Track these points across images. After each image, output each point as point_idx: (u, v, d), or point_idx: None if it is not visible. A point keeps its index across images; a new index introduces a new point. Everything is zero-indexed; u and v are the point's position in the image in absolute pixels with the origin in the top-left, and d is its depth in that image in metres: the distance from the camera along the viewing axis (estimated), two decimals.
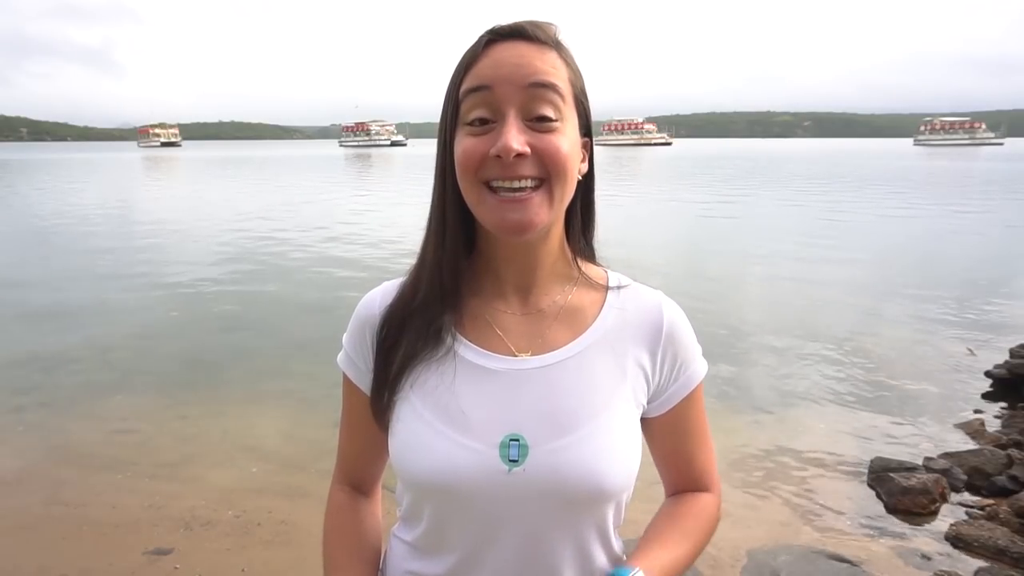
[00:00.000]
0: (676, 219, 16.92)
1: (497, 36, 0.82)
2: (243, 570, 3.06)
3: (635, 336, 0.90)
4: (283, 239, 12.83)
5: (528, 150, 0.78)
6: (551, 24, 0.84)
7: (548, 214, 0.81)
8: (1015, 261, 10.90)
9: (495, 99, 0.79)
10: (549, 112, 0.79)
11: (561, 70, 0.82)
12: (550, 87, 0.79)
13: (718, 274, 9.72)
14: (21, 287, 8.96)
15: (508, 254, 0.88)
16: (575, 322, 0.90)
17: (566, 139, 0.80)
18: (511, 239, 0.83)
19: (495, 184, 0.79)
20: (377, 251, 11.41)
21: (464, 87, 0.81)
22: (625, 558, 0.94)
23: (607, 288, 0.93)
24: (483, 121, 0.80)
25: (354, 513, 0.99)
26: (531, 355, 0.87)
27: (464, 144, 0.81)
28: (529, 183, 0.79)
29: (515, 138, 0.77)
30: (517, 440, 0.82)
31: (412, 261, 0.93)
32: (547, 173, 0.80)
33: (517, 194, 0.79)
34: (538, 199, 0.80)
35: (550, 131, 0.79)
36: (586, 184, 0.91)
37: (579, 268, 0.93)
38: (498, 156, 0.77)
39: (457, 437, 0.83)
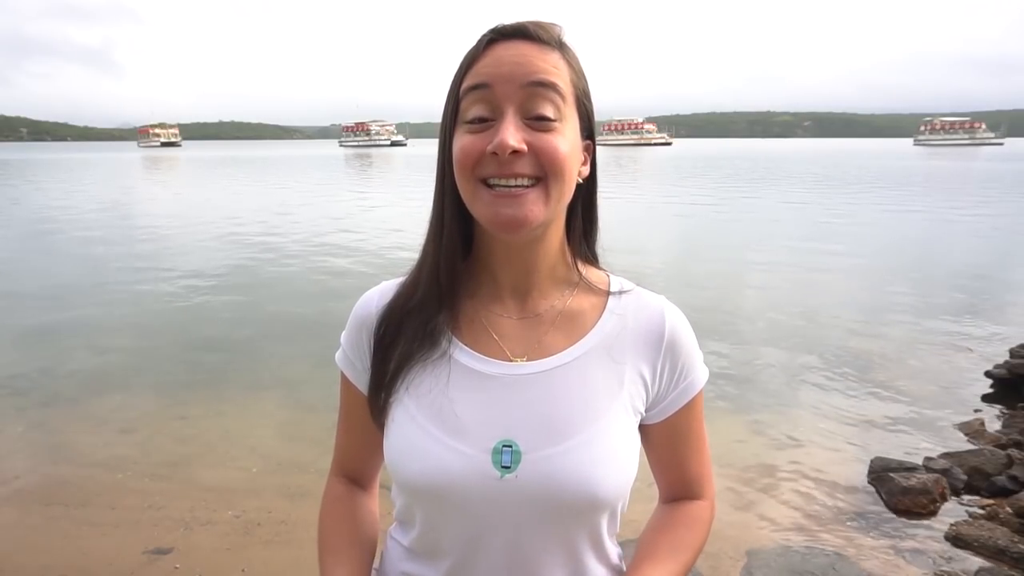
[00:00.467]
0: (675, 220, 16.91)
1: (499, 35, 0.81)
2: (243, 570, 3.06)
3: (635, 343, 0.88)
4: (283, 239, 12.83)
5: (525, 148, 0.77)
6: (555, 25, 0.83)
7: (543, 212, 0.80)
8: (1015, 261, 10.90)
9: (494, 97, 0.78)
10: (548, 112, 0.78)
11: (563, 71, 0.81)
12: (550, 86, 0.78)
13: (717, 274, 9.71)
14: (21, 287, 8.94)
15: (506, 256, 0.87)
16: (573, 328, 0.88)
17: (565, 139, 0.79)
18: (505, 236, 0.81)
19: (491, 181, 0.79)
20: (376, 251, 11.40)
21: (464, 85, 0.81)
22: (623, 565, 0.93)
23: (608, 293, 0.92)
24: (482, 119, 0.79)
25: (350, 503, 0.98)
26: (527, 360, 0.86)
27: (462, 141, 0.80)
28: (525, 181, 0.78)
29: (512, 135, 0.76)
30: (510, 446, 0.81)
31: (411, 261, 0.93)
32: (544, 172, 0.79)
33: (512, 190, 0.78)
34: (533, 195, 0.79)
35: (548, 130, 0.78)
36: (588, 187, 0.90)
37: (579, 272, 0.91)
38: (495, 153, 0.76)
39: (450, 442, 0.82)
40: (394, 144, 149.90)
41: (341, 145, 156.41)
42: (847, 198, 21.56)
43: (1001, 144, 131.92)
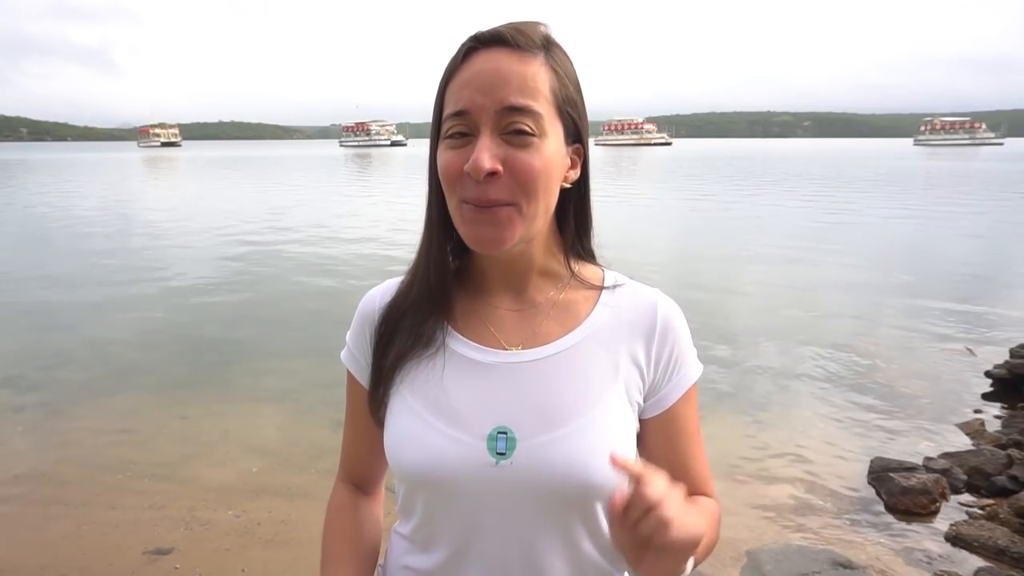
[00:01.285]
0: (673, 220, 16.92)
1: (478, 43, 0.81)
2: (243, 570, 3.07)
3: (629, 333, 0.89)
4: (283, 239, 12.83)
5: (500, 168, 0.77)
6: (539, 24, 0.82)
7: (519, 231, 0.81)
8: (1015, 261, 10.90)
9: (472, 120, 0.79)
10: (526, 128, 0.78)
11: (542, 82, 0.80)
12: (524, 110, 0.78)
13: (716, 275, 9.71)
14: (21, 287, 8.95)
15: (494, 261, 0.89)
16: (567, 318, 0.90)
17: (541, 156, 0.79)
18: (485, 253, 0.84)
19: (469, 201, 0.80)
20: (377, 250, 11.41)
21: (446, 111, 0.82)
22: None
23: (602, 286, 0.93)
24: (462, 134, 0.80)
25: (354, 510, 1.00)
26: (522, 349, 0.87)
27: (444, 157, 0.81)
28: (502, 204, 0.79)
29: (486, 156, 0.76)
30: (505, 433, 0.82)
31: (409, 260, 0.94)
32: (520, 192, 0.79)
33: (488, 210, 0.79)
34: (507, 215, 0.79)
35: (525, 147, 0.78)
36: (579, 190, 0.90)
37: (571, 268, 0.93)
38: (469, 173, 0.77)
39: (446, 429, 0.83)
40: (394, 144, 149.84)
41: (341, 145, 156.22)
42: (846, 198, 21.55)
43: (1001, 144, 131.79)
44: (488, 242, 0.81)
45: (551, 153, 0.81)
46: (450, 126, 0.81)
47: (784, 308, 7.75)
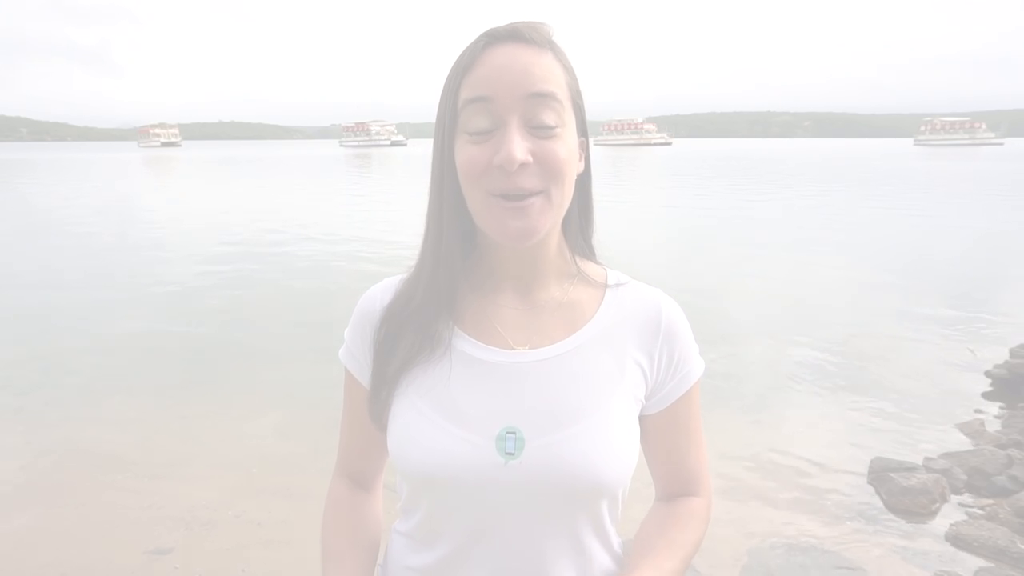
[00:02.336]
0: (672, 220, 16.92)
1: (494, 39, 0.82)
2: (243, 570, 3.07)
3: (633, 333, 0.90)
4: (283, 239, 12.83)
5: (530, 159, 0.78)
6: (544, 24, 0.84)
7: (549, 220, 0.82)
8: (1014, 261, 10.90)
9: (496, 109, 0.79)
10: (550, 120, 0.80)
11: (559, 74, 0.82)
12: (550, 96, 0.80)
13: (714, 275, 9.72)
14: (21, 287, 8.96)
15: (506, 254, 0.89)
16: (573, 317, 0.90)
17: (565, 145, 0.81)
18: (514, 246, 0.83)
19: (498, 194, 0.80)
20: (377, 250, 11.40)
21: (464, 96, 0.81)
22: (622, 553, 0.94)
23: (606, 285, 0.94)
24: (484, 130, 0.80)
25: (353, 505, 0.99)
26: (529, 349, 0.88)
27: (466, 153, 0.81)
28: (531, 195, 0.80)
29: (518, 147, 0.77)
30: (514, 433, 0.83)
31: (410, 259, 0.94)
32: (548, 181, 0.80)
33: (519, 202, 0.80)
34: (539, 205, 0.80)
35: (551, 138, 0.80)
36: (582, 182, 0.91)
37: (577, 265, 0.94)
38: (501, 166, 0.78)
39: (454, 430, 0.83)
40: (394, 144, 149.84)
41: (341, 145, 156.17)
42: (845, 199, 21.56)
43: (1001, 144, 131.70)
44: (519, 234, 0.81)
45: (571, 143, 0.83)
46: (471, 114, 0.80)
47: (783, 308, 7.75)
